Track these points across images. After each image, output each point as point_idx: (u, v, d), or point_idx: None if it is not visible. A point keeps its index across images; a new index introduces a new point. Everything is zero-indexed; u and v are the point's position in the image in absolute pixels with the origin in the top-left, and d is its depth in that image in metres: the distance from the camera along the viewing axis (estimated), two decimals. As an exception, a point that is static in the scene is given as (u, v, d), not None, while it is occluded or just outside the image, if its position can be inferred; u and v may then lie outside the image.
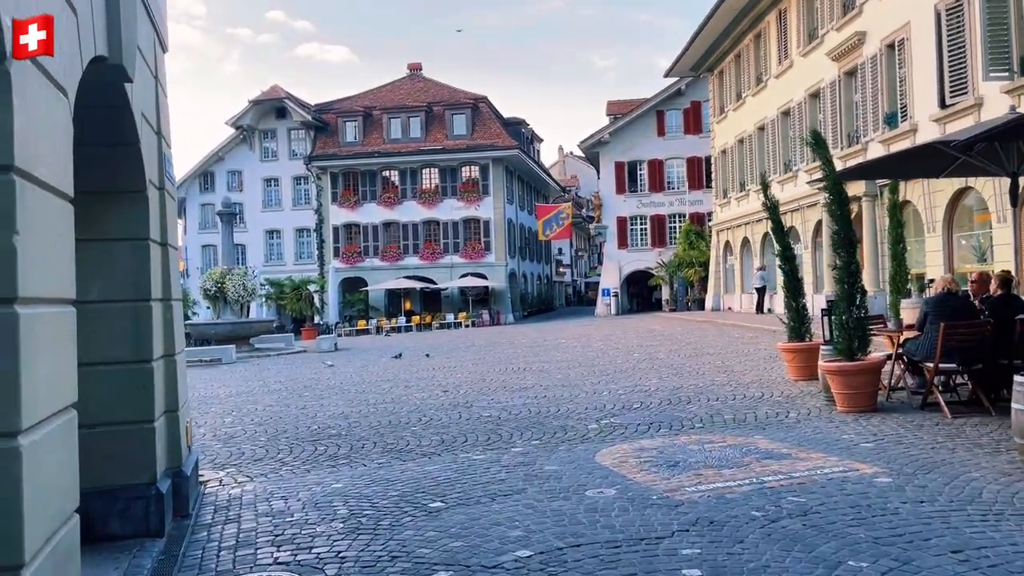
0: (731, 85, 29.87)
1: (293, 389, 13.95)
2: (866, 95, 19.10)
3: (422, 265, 43.22)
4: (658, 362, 14.34)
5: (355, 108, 44.83)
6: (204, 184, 45.24)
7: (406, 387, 13.11)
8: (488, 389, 11.96)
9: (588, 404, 9.58)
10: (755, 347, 15.92)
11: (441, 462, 6.71)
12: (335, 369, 17.50)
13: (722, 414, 8.19)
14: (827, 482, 5.18)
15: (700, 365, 13.29)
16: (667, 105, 41.95)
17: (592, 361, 15.37)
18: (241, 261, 43.05)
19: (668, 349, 16.80)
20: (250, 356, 22.53)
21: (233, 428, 9.59)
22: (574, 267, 75.92)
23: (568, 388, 11.38)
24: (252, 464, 7.24)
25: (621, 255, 42.24)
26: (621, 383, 11.61)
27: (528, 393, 11.12)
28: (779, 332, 19.05)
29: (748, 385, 10.34)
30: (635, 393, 10.34)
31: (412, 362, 18.14)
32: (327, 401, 11.91)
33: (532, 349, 19.53)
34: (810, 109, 22.56)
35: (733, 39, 28.53)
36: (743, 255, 29.69)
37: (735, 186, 29.84)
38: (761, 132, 26.85)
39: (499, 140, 42.77)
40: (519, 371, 14.40)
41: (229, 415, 10.98)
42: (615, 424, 8.01)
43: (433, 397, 11.52)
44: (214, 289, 23.81)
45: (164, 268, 5.49)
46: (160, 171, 5.51)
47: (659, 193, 41.97)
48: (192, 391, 15.22)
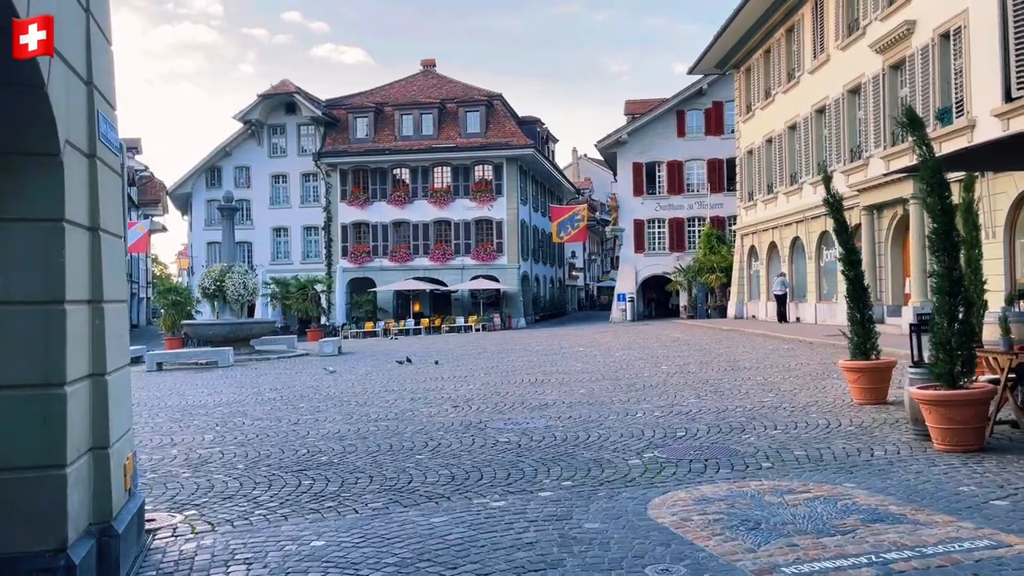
0: (759, 82, 28.45)
1: (288, 399, 12.66)
2: (915, 89, 17.67)
3: (432, 266, 41.93)
4: (691, 376, 12.96)
5: (366, 104, 43.63)
6: (211, 179, 44.11)
7: (412, 400, 11.79)
8: (504, 405, 10.62)
9: (622, 429, 8.22)
10: (795, 361, 14.51)
11: (451, 510, 5.37)
12: (336, 376, 16.21)
13: (789, 448, 6.82)
14: (978, 568, 3.81)
15: (740, 381, 11.91)
16: (687, 105, 40.57)
17: (616, 373, 14.00)
18: (247, 259, 41.96)
19: (698, 361, 15.41)
20: (248, 359, 21.27)
21: (210, 449, 8.27)
22: (587, 271, 74.50)
23: (595, 407, 10.02)
24: (220, 504, 5.91)
25: (638, 259, 40.87)
26: (654, 401, 10.25)
27: (549, 412, 9.77)
28: (816, 344, 17.73)
29: (806, 409, 8.95)
30: (674, 416, 8.97)
31: (420, 369, 16.82)
32: (323, 416, 10.60)
33: (548, 357, 18.18)
34: (849, 105, 21.12)
35: (763, 34, 27.12)
36: (769, 261, 28.23)
37: (762, 188, 28.40)
38: (792, 131, 25.42)
39: (514, 139, 41.45)
40: (536, 383, 13.06)
41: (211, 431, 9.68)
42: (661, 460, 6.65)
43: (442, 414, 10.18)
44: (213, 288, 22.57)
45: (94, 261, 4.18)
46: (90, 133, 4.19)
47: (678, 195, 40.58)
48: (179, 398, 13.99)
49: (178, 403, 12.89)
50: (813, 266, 23.74)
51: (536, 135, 45.18)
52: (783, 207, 26.06)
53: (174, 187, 45.40)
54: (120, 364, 4.56)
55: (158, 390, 15.12)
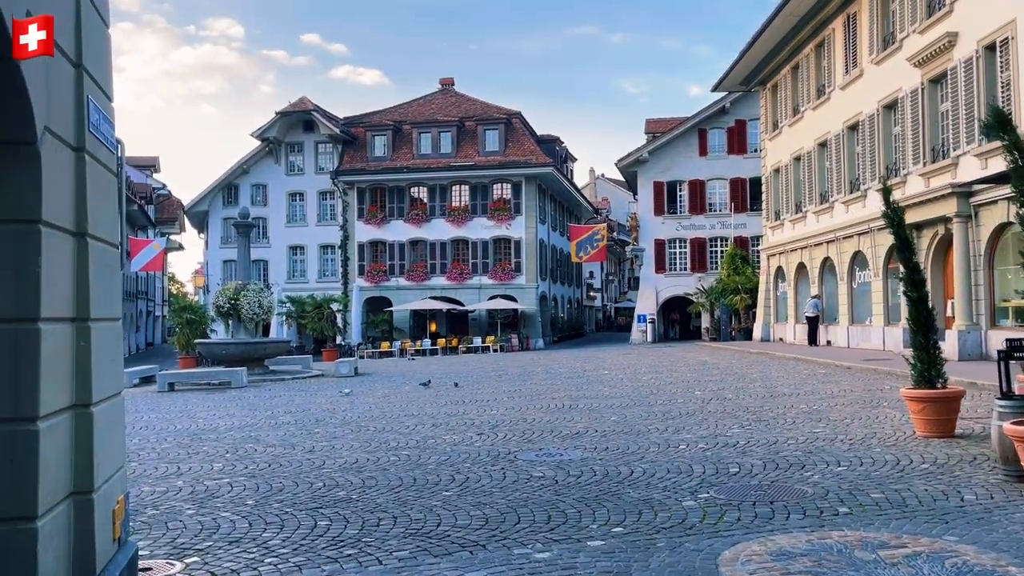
0: (786, 99, 27.79)
1: (303, 423, 12.02)
2: (957, 103, 16.94)
3: (449, 285, 41.36)
4: (728, 403, 12.20)
5: (385, 122, 43.35)
6: (228, 197, 43.89)
7: (433, 426, 11.12)
8: (532, 433, 9.91)
9: (667, 464, 7.49)
10: (836, 387, 13.71)
11: (489, 562, 4.68)
12: (353, 398, 15.57)
13: (863, 489, 6.07)
14: None
15: (783, 409, 11.14)
16: (710, 123, 39.99)
17: (647, 399, 13.26)
18: (263, 277, 41.56)
19: (733, 386, 14.64)
20: (263, 380, 20.68)
21: (219, 480, 7.62)
22: (604, 291, 73.70)
23: (632, 436, 9.29)
24: (226, 549, 5.25)
25: (658, 279, 40.12)
26: (695, 431, 9.51)
27: (583, 441, 9.06)
28: (854, 369, 16.88)
29: (866, 443, 8.19)
30: (721, 448, 8.24)
31: (440, 392, 16.15)
32: (340, 442, 9.94)
33: (573, 381, 17.45)
34: (884, 121, 20.40)
35: (790, 50, 26.51)
36: (798, 282, 27.41)
37: (789, 207, 27.64)
38: (822, 149, 24.70)
39: (533, 157, 40.98)
40: (564, 409, 12.34)
41: (220, 458, 9.04)
42: (720, 501, 5.93)
43: (467, 442, 9.49)
44: (227, 306, 22.05)
45: (79, 271, 3.56)
46: (78, 122, 3.59)
47: (700, 215, 39.88)
48: (189, 421, 13.37)
49: (188, 427, 12.28)
50: (845, 288, 22.92)
51: (555, 154, 44.71)
52: (812, 227, 25.29)
53: (191, 205, 45.21)
54: (111, 392, 3.93)
55: (168, 412, 14.54)
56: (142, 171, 56.93)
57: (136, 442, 10.79)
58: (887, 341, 20.12)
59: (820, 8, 23.37)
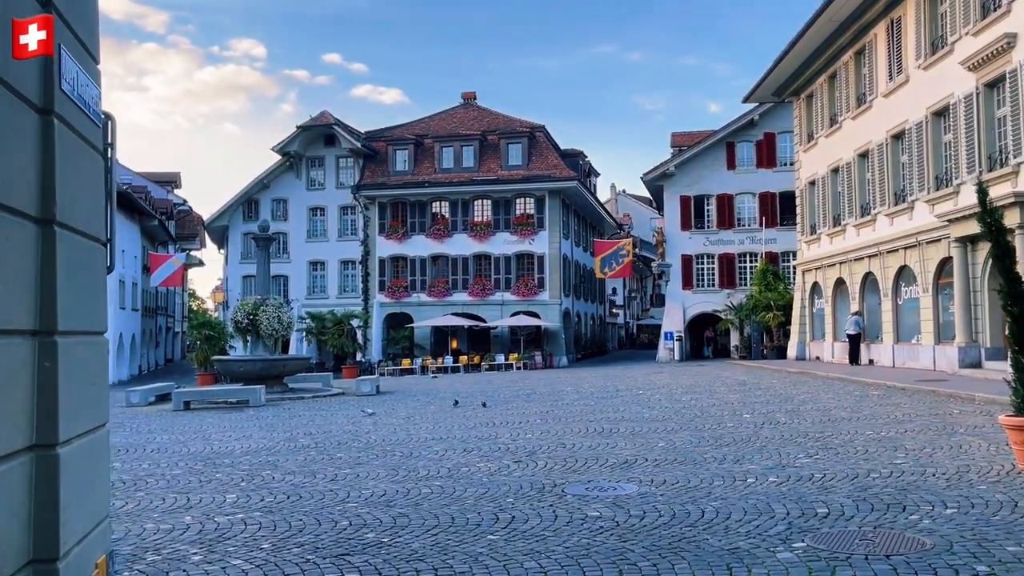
0: (823, 109, 26.83)
1: (324, 447, 11.17)
2: (1018, 107, 15.93)
3: (471, 301, 40.54)
4: (784, 428, 11.21)
5: (406, 136, 42.82)
6: (248, 212, 43.47)
7: (465, 451, 10.22)
8: (576, 462, 8.99)
9: (740, 502, 6.55)
10: (898, 411, 12.65)
11: (559, 637, 3.77)
12: (376, 419, 14.71)
13: (995, 541, 5.09)
14: None
15: (848, 436, 10.14)
16: (738, 136, 39.10)
17: (693, 422, 12.29)
18: (283, 293, 41.00)
19: (783, 409, 13.62)
20: (282, 398, 19.89)
21: (231, 516, 6.77)
22: (627, 308, 72.57)
23: (688, 466, 8.35)
24: (235, 610, 4.38)
25: (685, 296, 39.09)
26: (757, 461, 8.54)
27: (635, 472, 8.13)
28: (909, 390, 15.78)
29: (965, 478, 7.19)
30: (795, 482, 7.27)
31: (467, 412, 15.26)
32: (364, 470, 9.08)
33: (607, 401, 16.49)
34: (933, 129, 19.38)
35: (827, 57, 25.59)
36: (836, 298, 26.29)
37: (827, 221, 26.58)
38: (863, 159, 23.69)
39: (556, 171, 40.22)
40: (605, 433, 11.40)
41: (235, 488, 8.20)
42: (822, 553, 4.97)
43: (504, 471, 8.60)
44: (246, 322, 21.33)
45: (45, 270, 2.73)
46: (45, 78, 2.76)
47: (728, 230, 38.89)
48: (203, 443, 12.54)
49: (202, 450, 11.47)
50: (889, 304, 21.81)
51: (578, 168, 43.92)
52: (852, 241, 24.22)
53: (211, 220, 44.83)
54: (88, 427, 3.08)
55: (182, 432, 13.76)
56: (163, 187, 56.85)
57: (145, 467, 9.99)
58: (938, 360, 18.99)
59: (861, 13, 22.46)
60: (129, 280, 42.13)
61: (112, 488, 8.51)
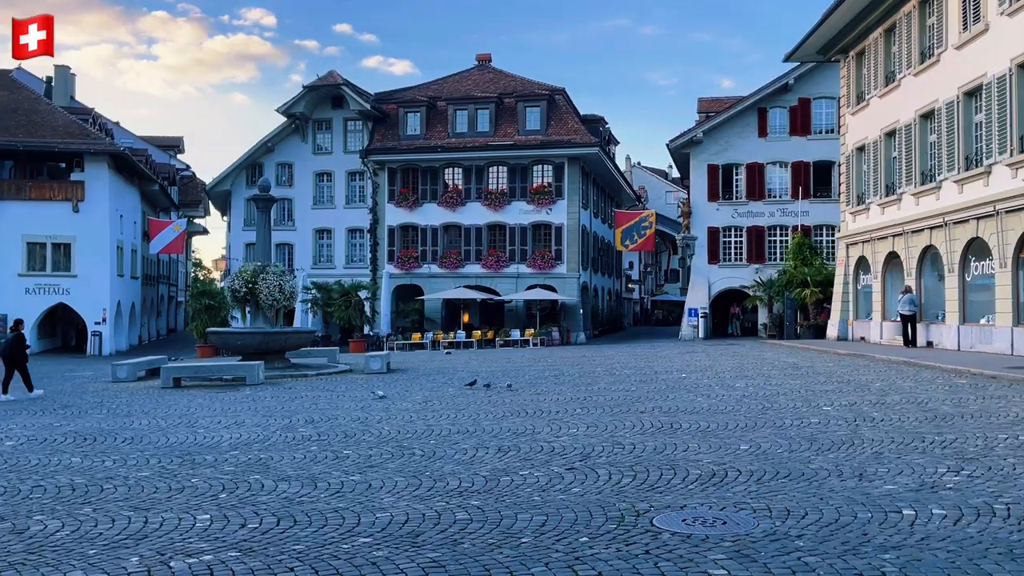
0: (876, 67, 24.50)
1: (328, 441, 9.26)
2: None
3: (484, 274, 38.52)
4: (884, 426, 9.23)
5: (418, 98, 40.54)
6: (251, 177, 41.32)
7: (500, 451, 8.30)
8: (646, 472, 7.04)
9: (924, 553, 4.58)
10: (1015, 406, 10.64)
11: None
12: (388, 404, 12.81)
13: None
14: None
15: (980, 441, 8.15)
16: (770, 102, 36.68)
17: (764, 415, 10.32)
18: (288, 262, 39.06)
19: (866, 400, 11.62)
20: (282, 376, 18.01)
21: (197, 559, 4.84)
22: (642, 284, 70.48)
23: (802, 485, 6.39)
24: None
25: (711, 271, 36.98)
26: (889, 477, 6.58)
27: (736, 493, 6.18)
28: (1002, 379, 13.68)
29: None
30: (972, 518, 5.30)
31: (492, 396, 13.34)
32: (378, 476, 7.19)
33: (649, 386, 14.53)
34: (1018, 83, 17.14)
35: (884, 9, 23.22)
36: (886, 274, 24.19)
37: (878, 189, 24.38)
38: (926, 120, 21.44)
39: (577, 136, 37.95)
40: (666, 430, 9.46)
41: (212, 502, 6.30)
42: None
43: (558, 483, 6.68)
44: (244, 290, 19.39)
45: None
46: None
47: (758, 201, 36.65)
48: (187, 432, 9.99)
49: (183, 440, 9.59)
50: (955, 281, 19.71)
51: (599, 134, 41.64)
52: (910, 211, 22.05)
53: (213, 184, 42.80)
54: None
55: (165, 416, 11.89)
56: (165, 151, 54.76)
57: (108, 465, 8.12)
58: (1018, 344, 16.95)
59: (928, -44, 20.13)
60: (128, 246, 40.24)
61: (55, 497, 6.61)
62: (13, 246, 35.35)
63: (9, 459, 8.58)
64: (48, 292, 35.76)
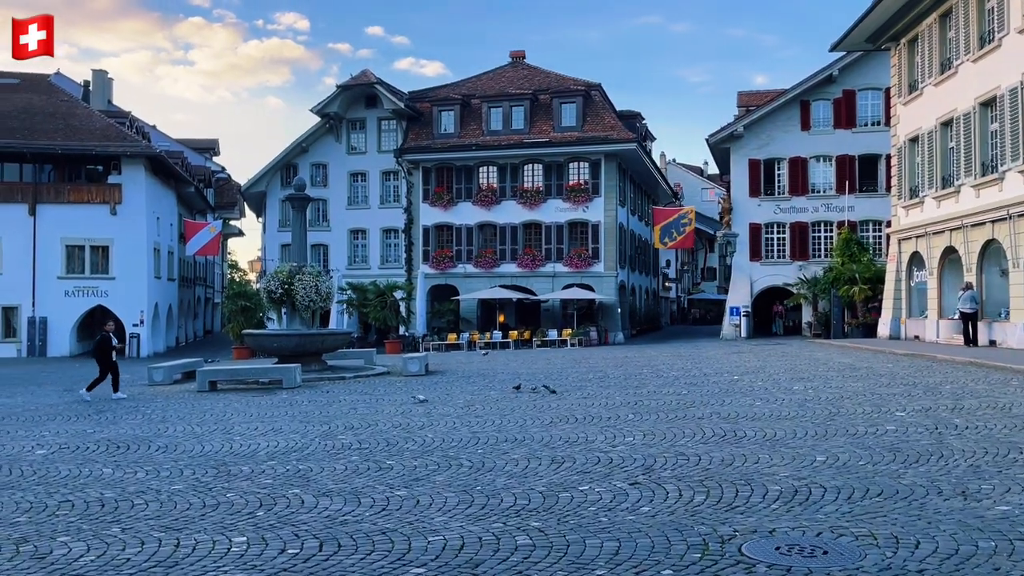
0: (930, 54, 23.45)
1: (370, 450, 8.75)
2: None
3: (520, 273, 37.95)
4: (971, 435, 8.45)
5: (452, 96, 40.11)
6: (286, 177, 41.24)
7: (554, 462, 7.72)
8: (720, 489, 6.39)
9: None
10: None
11: None
12: (429, 408, 12.29)
13: None
14: None
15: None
16: (813, 94, 35.62)
17: (835, 423, 9.57)
18: (323, 263, 38.90)
19: (941, 405, 10.80)
20: (319, 378, 17.62)
21: (231, 589, 4.33)
22: (679, 282, 69.38)
23: (900, 505, 5.70)
24: None
25: (753, 268, 36.03)
26: (997, 496, 5.87)
27: (828, 515, 5.51)
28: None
29: None
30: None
31: (536, 400, 12.76)
32: (426, 491, 6.64)
33: (701, 389, 13.83)
34: (1092, 65, 16.10)
35: (940, -8, 22.19)
36: (942, 270, 23.12)
37: (934, 182, 23.32)
38: (986, 108, 20.39)
39: (613, 132, 37.20)
40: (731, 439, 8.79)
41: (248, 522, 5.80)
42: None
43: (623, 501, 6.06)
44: (280, 291, 19.05)
45: None
46: None
47: (801, 197, 35.61)
48: (222, 440, 9.10)
49: (219, 449, 9.15)
50: (1021, 276, 18.66)
51: (636, 131, 40.82)
52: (969, 203, 21.01)
53: (247, 185, 42.81)
54: None
55: (201, 422, 11.49)
56: (201, 153, 55.07)
57: (141, 477, 7.69)
58: (1094, 345, 15.92)
59: (990, -65, 19.10)
60: (165, 248, 40.43)
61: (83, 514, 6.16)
62: (52, 249, 35.67)
63: (39, 470, 8.20)
64: (87, 294, 36.01)
